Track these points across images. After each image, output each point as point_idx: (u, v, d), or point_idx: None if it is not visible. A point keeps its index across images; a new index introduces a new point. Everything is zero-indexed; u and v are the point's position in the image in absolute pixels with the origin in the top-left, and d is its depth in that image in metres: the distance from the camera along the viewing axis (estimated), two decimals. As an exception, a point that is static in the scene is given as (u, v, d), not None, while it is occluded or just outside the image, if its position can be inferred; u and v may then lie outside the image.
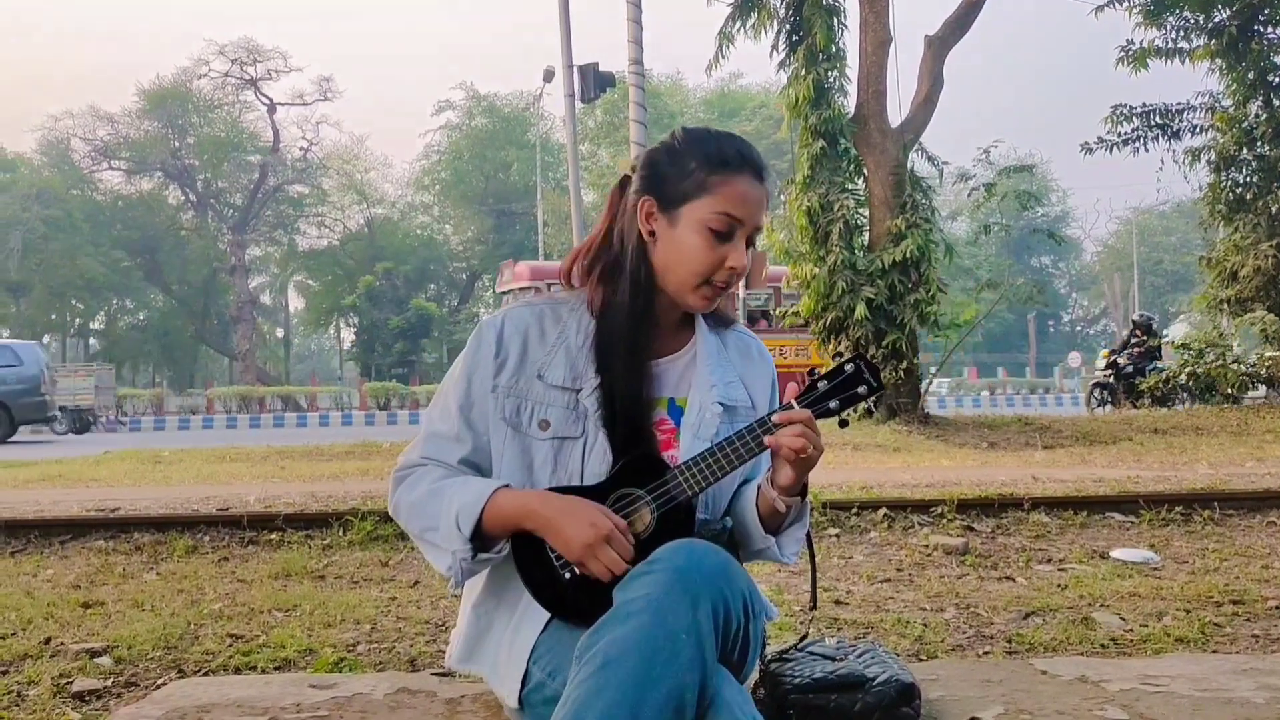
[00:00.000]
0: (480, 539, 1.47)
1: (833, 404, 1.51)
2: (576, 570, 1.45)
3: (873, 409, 11.83)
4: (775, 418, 1.47)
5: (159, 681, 2.62)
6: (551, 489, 1.50)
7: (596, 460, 1.52)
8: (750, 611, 1.35)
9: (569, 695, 1.24)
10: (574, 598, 1.45)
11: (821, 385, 1.52)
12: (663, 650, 1.22)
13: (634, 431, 1.53)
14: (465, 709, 1.72)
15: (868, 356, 1.57)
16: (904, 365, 11.77)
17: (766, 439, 1.46)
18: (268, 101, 46.84)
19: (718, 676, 1.27)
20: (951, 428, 11.60)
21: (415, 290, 46.54)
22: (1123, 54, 15.18)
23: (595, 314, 1.57)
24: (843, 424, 1.55)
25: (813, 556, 1.71)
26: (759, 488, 1.57)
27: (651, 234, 1.55)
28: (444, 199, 50.85)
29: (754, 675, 1.55)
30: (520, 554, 1.49)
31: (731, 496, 1.64)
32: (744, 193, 1.51)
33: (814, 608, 1.79)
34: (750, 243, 1.55)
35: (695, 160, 1.52)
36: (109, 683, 2.62)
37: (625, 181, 1.61)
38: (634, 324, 1.55)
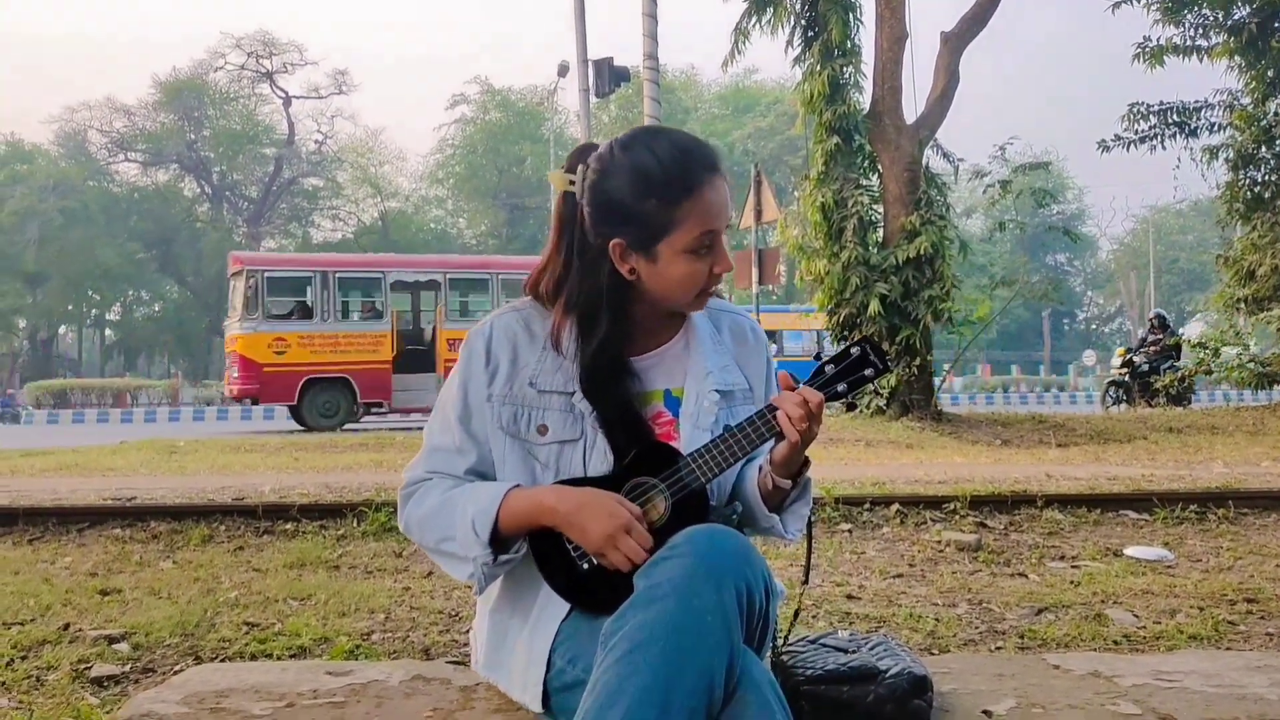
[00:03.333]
0: (498, 542, 1.48)
1: (840, 387, 1.52)
2: (594, 560, 1.46)
3: (884, 406, 11.82)
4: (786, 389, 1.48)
5: (176, 668, 2.64)
6: (564, 482, 1.51)
7: (597, 460, 1.52)
8: (769, 593, 1.37)
9: (597, 680, 1.25)
10: (593, 587, 1.46)
11: (829, 369, 1.53)
12: (691, 632, 1.23)
13: (631, 429, 1.53)
14: (480, 696, 1.73)
15: (875, 340, 1.57)
16: (917, 362, 11.75)
17: (773, 400, 1.47)
18: (283, 94, 47.09)
19: (744, 656, 1.29)
20: (965, 425, 11.56)
21: (428, 283, 46.58)
22: (1139, 50, 15.09)
23: (562, 343, 1.53)
24: (849, 407, 1.56)
25: (810, 534, 1.71)
26: (760, 468, 1.58)
27: (632, 271, 1.51)
28: (458, 193, 50.93)
29: (767, 656, 1.56)
30: (537, 547, 1.50)
31: (735, 480, 1.65)
32: (711, 203, 1.47)
33: (805, 583, 1.79)
34: (725, 227, 1.53)
35: (653, 196, 1.46)
36: (127, 668, 2.65)
37: (568, 196, 1.55)
38: (611, 327, 1.53)
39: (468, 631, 2.97)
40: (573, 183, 1.55)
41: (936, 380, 12.76)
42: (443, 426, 1.60)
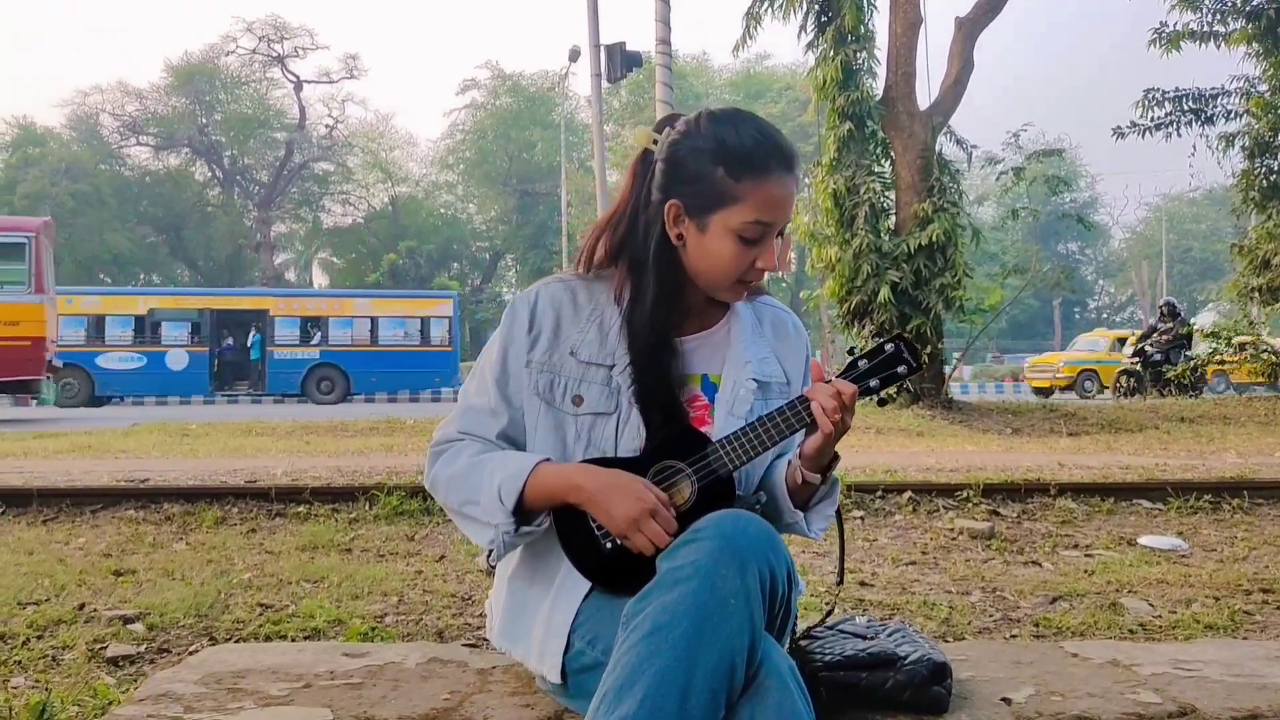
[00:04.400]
0: (522, 512, 1.48)
1: (873, 383, 1.51)
2: (618, 540, 1.45)
3: (894, 394, 11.78)
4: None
5: (191, 648, 2.65)
6: (591, 460, 1.50)
7: (630, 436, 1.52)
8: (792, 581, 1.36)
9: (618, 660, 1.25)
10: (616, 567, 1.46)
11: (862, 364, 1.52)
12: (713, 615, 1.23)
13: (667, 408, 1.53)
14: (496, 679, 1.73)
15: (906, 337, 1.56)
16: (928, 350, 11.70)
17: (807, 392, 1.47)
18: (294, 79, 47.03)
19: (765, 641, 1.28)
20: (975, 413, 11.52)
21: (438, 269, 46.69)
22: (1156, 36, 14.94)
23: (622, 304, 1.56)
24: (882, 402, 1.56)
25: (841, 534, 1.71)
26: (789, 462, 1.57)
27: (680, 237, 1.53)
28: (468, 178, 50.85)
29: (786, 646, 1.56)
30: (562, 524, 1.50)
31: (763, 472, 1.64)
32: (774, 196, 1.47)
33: (840, 583, 1.79)
34: (780, 234, 1.53)
35: (722, 164, 1.47)
36: (142, 648, 2.66)
37: (646, 155, 1.58)
38: (662, 314, 1.54)
39: (481, 615, 2.98)
40: (655, 142, 1.57)
41: (947, 369, 12.72)
42: (479, 388, 1.60)
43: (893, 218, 12.33)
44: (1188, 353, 15.98)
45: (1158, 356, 16.18)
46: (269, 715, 1.57)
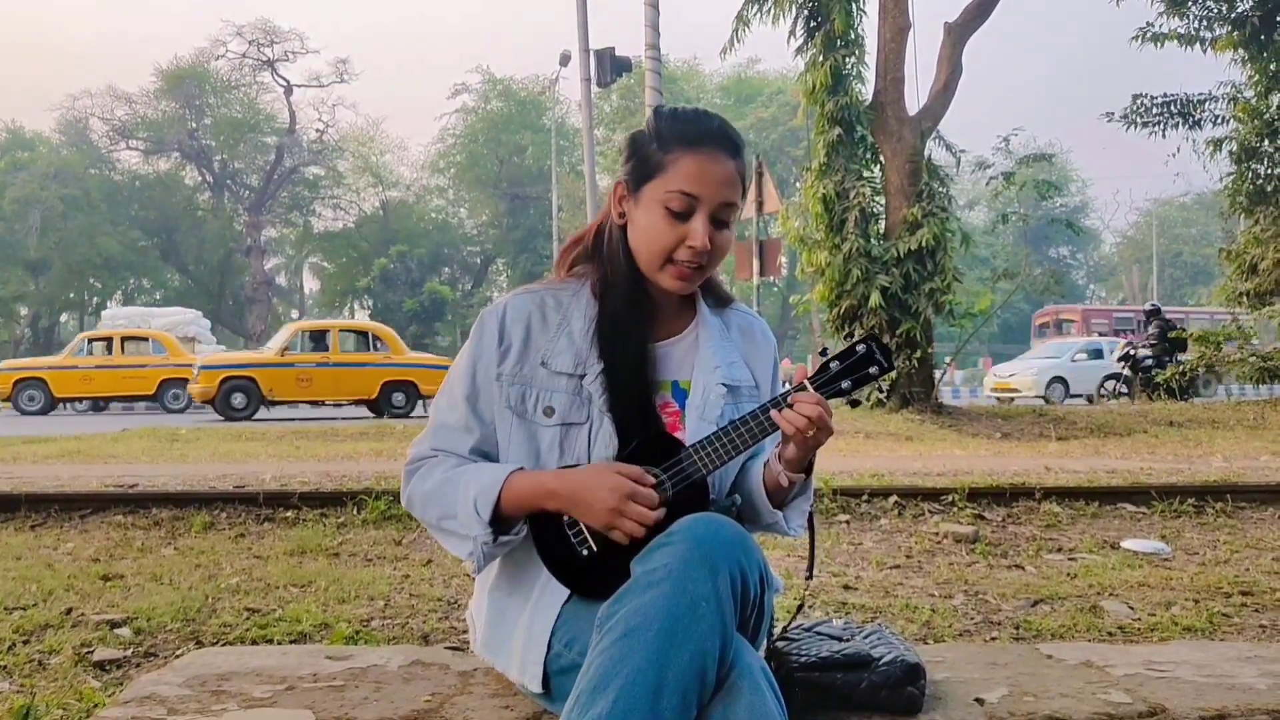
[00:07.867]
0: (499, 522, 1.50)
1: (844, 384, 1.53)
2: (594, 547, 1.47)
3: (884, 399, 11.83)
4: (790, 399, 1.49)
5: (178, 652, 2.67)
6: (563, 468, 1.53)
7: (602, 444, 1.53)
8: (765, 583, 1.38)
9: (591, 662, 1.27)
10: (593, 574, 1.48)
11: (834, 366, 1.54)
12: (684, 617, 1.25)
13: (639, 415, 1.55)
14: (478, 681, 1.75)
15: (879, 337, 1.58)
16: (918, 354, 11.75)
17: (774, 414, 1.48)
18: (284, 83, 46.93)
19: (737, 644, 1.30)
20: (965, 418, 11.58)
21: (429, 273, 46.60)
22: (1140, 34, 15.00)
23: (597, 297, 1.59)
24: (853, 404, 1.58)
25: (812, 528, 1.73)
26: (766, 463, 1.59)
27: (622, 216, 1.57)
28: (459, 182, 50.83)
29: (763, 647, 1.58)
30: (538, 532, 1.51)
31: (737, 474, 1.66)
32: (701, 168, 1.49)
33: (810, 578, 1.81)
34: (722, 222, 1.52)
35: (656, 140, 1.53)
36: (129, 653, 2.67)
37: None
38: (630, 308, 1.56)
39: (464, 619, 3.00)
40: None
41: (938, 373, 12.77)
42: (449, 404, 1.61)
43: (882, 222, 12.38)
44: (1180, 356, 16.04)
45: (1149, 360, 16.24)
46: (252, 717, 1.58)
